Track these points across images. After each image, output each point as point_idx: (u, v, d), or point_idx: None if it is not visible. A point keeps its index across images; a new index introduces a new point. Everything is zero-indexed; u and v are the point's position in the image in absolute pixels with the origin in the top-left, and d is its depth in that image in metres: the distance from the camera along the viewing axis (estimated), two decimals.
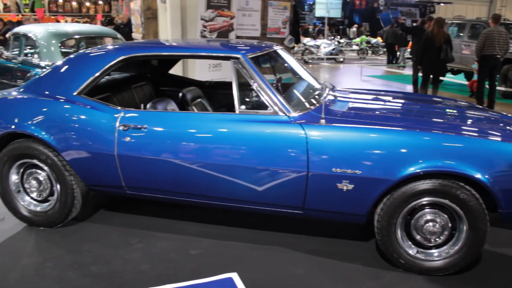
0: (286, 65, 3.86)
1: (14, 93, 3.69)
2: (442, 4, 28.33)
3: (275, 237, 3.47)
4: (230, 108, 4.05)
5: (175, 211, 3.84)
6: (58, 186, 3.42)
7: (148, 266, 3.09)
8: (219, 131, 3.03)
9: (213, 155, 3.05)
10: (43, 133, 3.30)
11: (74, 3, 16.60)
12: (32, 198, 3.59)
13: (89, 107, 3.26)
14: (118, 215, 3.84)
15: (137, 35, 8.41)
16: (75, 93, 3.31)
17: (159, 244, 3.36)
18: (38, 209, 3.58)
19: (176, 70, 5.01)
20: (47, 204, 3.57)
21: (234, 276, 2.95)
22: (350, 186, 2.87)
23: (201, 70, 6.71)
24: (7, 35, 8.12)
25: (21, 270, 3.09)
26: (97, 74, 3.35)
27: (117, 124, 3.16)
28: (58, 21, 14.55)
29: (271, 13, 7.92)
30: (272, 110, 3.01)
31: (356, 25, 27.23)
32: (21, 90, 3.68)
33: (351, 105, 3.56)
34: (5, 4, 15.81)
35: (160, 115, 3.25)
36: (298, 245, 3.36)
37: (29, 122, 3.35)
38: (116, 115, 3.19)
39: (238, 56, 3.14)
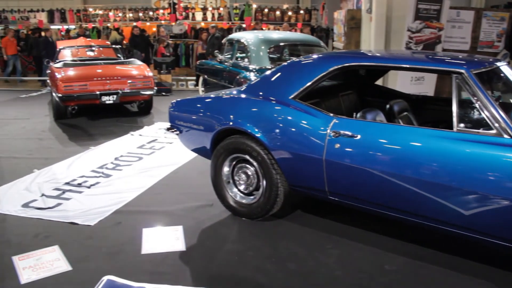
0: (510, 83, 3.52)
1: (234, 92, 4.06)
2: None
3: (479, 269, 3.17)
4: (435, 124, 3.85)
5: (371, 222, 3.78)
6: (264, 182, 3.66)
7: (341, 273, 3.11)
8: (433, 147, 2.88)
9: (422, 172, 2.91)
10: (257, 130, 3.56)
11: (277, 13, 17.65)
12: (239, 190, 3.91)
13: (302, 111, 3.41)
14: (314, 218, 3.94)
15: (338, 44, 8.54)
16: (290, 97, 3.50)
17: (354, 253, 3.36)
18: (244, 201, 3.88)
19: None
20: (252, 197, 3.85)
21: None
22: None
23: (402, 83, 6.52)
24: (222, 41, 8.98)
25: (226, 254, 3.38)
26: (312, 82, 3.49)
27: (329, 130, 3.24)
28: (262, 29, 15.57)
29: (484, 24, 7.31)
30: (496, 131, 2.76)
31: None
32: (239, 90, 4.03)
33: None
34: (219, 14, 17.60)
35: (373, 126, 3.22)
36: (508, 284, 3.01)
37: (245, 120, 3.65)
38: (328, 121, 3.28)
39: (461, 71, 2.95)
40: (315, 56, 3.95)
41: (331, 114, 3.32)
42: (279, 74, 3.80)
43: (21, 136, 7.19)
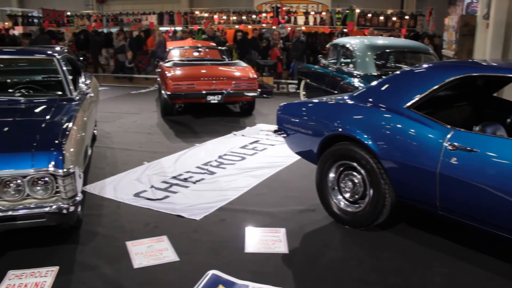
0: None
1: (343, 98, 4.03)
2: None
3: None
4: None
5: (484, 243, 3.54)
6: (371, 191, 3.58)
7: None
8: None
9: None
10: (367, 137, 3.50)
11: (381, 18, 17.18)
12: (344, 197, 3.87)
13: (417, 121, 3.29)
14: (420, 232, 3.79)
15: (448, 52, 8.17)
16: (405, 106, 3.40)
17: (463, 274, 3.18)
18: (348, 209, 3.82)
19: None
20: (356, 205, 3.78)
21: None
22: None
23: None
24: (326, 46, 8.95)
25: (329, 261, 3.37)
26: (428, 92, 3.37)
27: (445, 142, 3.09)
28: (364, 34, 15.29)
29: None
30: None
31: None
32: (347, 96, 4.00)
33: None
34: (321, 18, 17.57)
35: (493, 140, 3.03)
36: None
37: (355, 127, 3.61)
38: (445, 134, 3.13)
39: None
40: (431, 65, 3.81)
41: (449, 126, 3.17)
42: (392, 82, 3.72)
43: (132, 129, 7.69)
